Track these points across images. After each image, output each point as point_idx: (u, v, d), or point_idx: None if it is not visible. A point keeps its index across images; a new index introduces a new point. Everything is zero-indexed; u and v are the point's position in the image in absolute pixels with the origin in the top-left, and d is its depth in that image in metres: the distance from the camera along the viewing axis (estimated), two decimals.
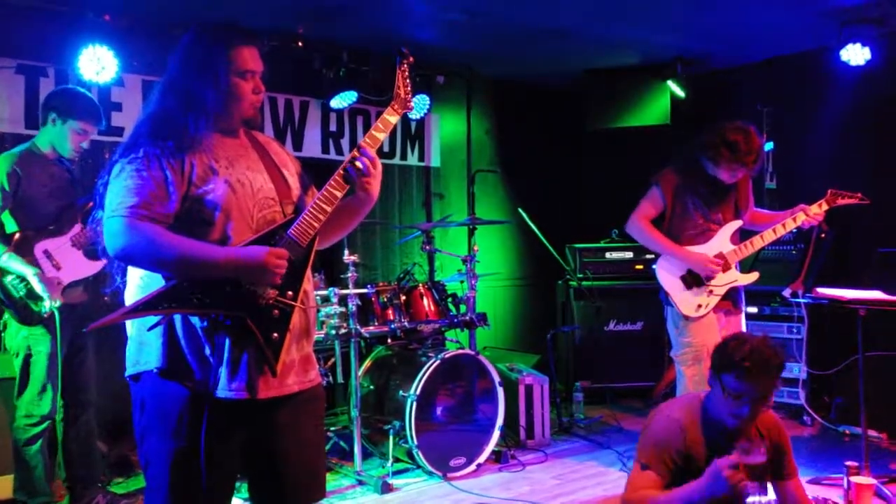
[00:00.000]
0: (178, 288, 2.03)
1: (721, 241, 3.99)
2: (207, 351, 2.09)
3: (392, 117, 2.34)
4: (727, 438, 2.74)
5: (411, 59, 2.44)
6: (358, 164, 2.23)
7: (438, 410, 4.42)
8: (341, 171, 2.24)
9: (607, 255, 6.39)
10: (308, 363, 2.29)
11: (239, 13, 4.75)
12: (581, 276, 6.26)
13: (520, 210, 6.15)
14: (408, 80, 2.40)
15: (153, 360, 2.10)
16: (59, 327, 3.47)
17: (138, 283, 2.15)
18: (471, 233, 6.74)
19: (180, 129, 2.13)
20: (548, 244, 5.92)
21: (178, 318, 2.10)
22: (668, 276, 4.02)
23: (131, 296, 2.17)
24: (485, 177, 6.92)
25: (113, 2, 4.50)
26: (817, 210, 3.99)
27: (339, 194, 2.23)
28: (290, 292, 2.14)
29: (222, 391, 2.08)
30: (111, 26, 4.51)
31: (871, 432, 4.87)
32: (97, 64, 4.41)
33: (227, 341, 2.08)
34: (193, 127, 2.14)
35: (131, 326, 2.19)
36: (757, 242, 3.99)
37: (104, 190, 2.13)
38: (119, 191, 2.07)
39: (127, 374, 2.18)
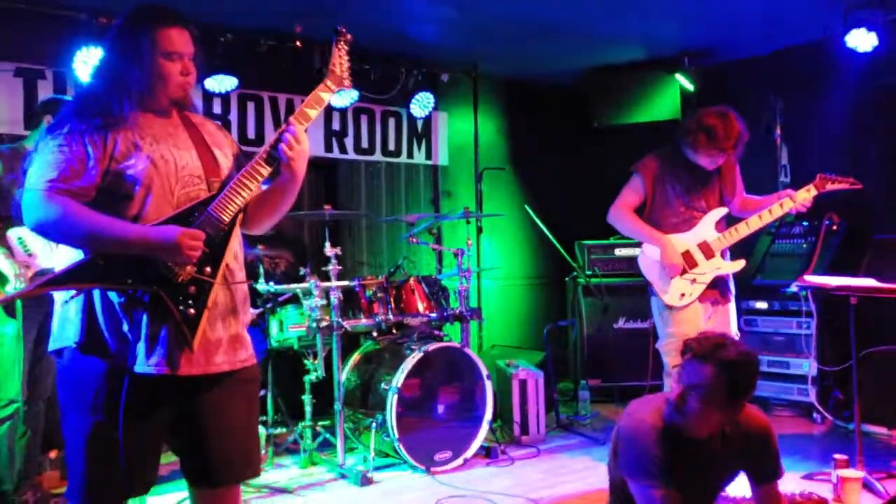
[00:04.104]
0: (93, 263, 2.06)
1: (705, 229, 3.89)
2: (126, 327, 2.10)
3: (325, 94, 2.38)
4: (685, 436, 2.60)
5: (349, 36, 2.46)
6: (281, 140, 2.24)
7: (424, 404, 4.38)
8: (267, 148, 2.26)
9: (616, 251, 6.27)
10: (238, 342, 2.29)
11: (234, 12, 4.80)
12: (590, 272, 6.17)
13: (526, 207, 6.10)
14: (344, 58, 2.43)
15: (72, 334, 2.13)
16: (19, 310, 3.49)
17: (64, 260, 2.18)
18: (479, 230, 6.74)
19: (105, 107, 2.17)
20: (554, 240, 5.85)
21: (97, 293, 2.12)
22: (649, 265, 3.93)
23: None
24: (495, 175, 6.86)
25: (107, 4, 4.60)
26: (805, 195, 3.83)
27: (264, 171, 2.25)
28: (207, 269, 2.15)
29: (140, 366, 2.09)
30: (106, 28, 4.59)
31: (881, 429, 4.72)
32: (91, 65, 4.52)
33: (145, 317, 2.10)
34: (117, 106, 2.17)
35: (57, 303, 2.22)
36: (742, 229, 3.86)
37: (29, 166, 2.17)
38: (40, 166, 2.11)
39: (49, 349, 2.21)
